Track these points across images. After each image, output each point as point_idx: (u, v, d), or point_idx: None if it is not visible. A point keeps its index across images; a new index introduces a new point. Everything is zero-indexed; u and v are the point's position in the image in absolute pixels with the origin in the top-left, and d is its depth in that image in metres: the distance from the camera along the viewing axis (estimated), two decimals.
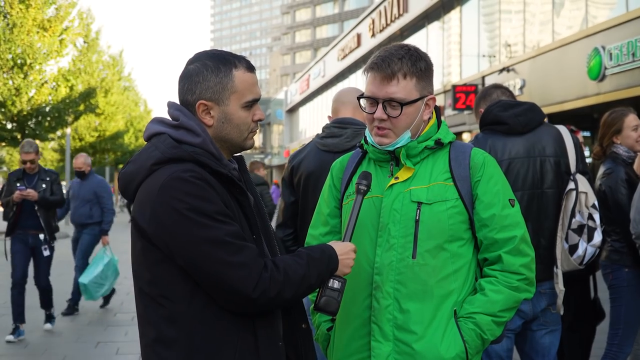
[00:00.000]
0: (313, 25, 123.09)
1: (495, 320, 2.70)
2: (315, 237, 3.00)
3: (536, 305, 4.01)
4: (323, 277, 2.48)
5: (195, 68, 2.47)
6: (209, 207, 2.29)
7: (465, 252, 2.75)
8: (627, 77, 15.62)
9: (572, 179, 4.04)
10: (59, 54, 26.35)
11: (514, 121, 4.08)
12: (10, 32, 24.97)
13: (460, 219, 2.73)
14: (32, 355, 8.09)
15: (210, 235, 2.26)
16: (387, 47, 2.84)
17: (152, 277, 2.37)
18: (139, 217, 2.36)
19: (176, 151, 2.38)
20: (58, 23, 25.99)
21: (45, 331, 9.00)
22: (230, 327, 2.34)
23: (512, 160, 4.03)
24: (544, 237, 4.04)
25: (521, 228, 2.77)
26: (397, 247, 2.72)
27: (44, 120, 26.37)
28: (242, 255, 2.28)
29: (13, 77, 25.26)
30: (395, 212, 2.74)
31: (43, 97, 26.13)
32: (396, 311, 2.70)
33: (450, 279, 2.71)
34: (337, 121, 4.38)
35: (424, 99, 2.80)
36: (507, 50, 22.93)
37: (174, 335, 2.34)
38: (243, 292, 2.26)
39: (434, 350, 2.65)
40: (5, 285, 13.29)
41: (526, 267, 2.75)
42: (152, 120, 2.53)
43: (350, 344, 2.80)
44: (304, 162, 4.35)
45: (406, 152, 2.78)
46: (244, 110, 2.49)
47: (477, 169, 2.77)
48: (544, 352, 4.08)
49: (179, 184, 2.29)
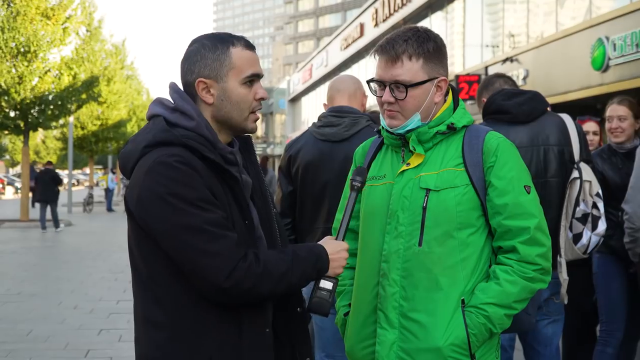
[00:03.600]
0: (316, 14, 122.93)
1: (507, 312, 2.65)
2: (338, 221, 2.95)
3: (539, 296, 3.99)
4: (309, 277, 2.43)
5: (194, 49, 2.47)
6: (191, 194, 2.27)
7: (476, 240, 2.68)
8: (630, 67, 15.57)
9: (576, 167, 4.01)
10: (62, 43, 26.32)
11: (517, 110, 4.05)
12: (13, 20, 24.95)
13: (470, 206, 2.66)
14: (35, 342, 8.11)
15: (188, 222, 2.25)
16: (398, 29, 2.80)
17: (142, 259, 2.39)
18: (128, 198, 2.37)
19: (165, 135, 2.36)
20: (61, 11, 25.95)
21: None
22: (213, 312, 2.32)
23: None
24: (548, 227, 4.01)
25: (536, 216, 2.69)
26: (405, 234, 2.68)
27: (47, 109, 26.29)
28: (218, 244, 2.25)
29: (16, 65, 25.21)
30: (404, 199, 2.70)
31: (46, 86, 26.11)
32: (402, 299, 2.68)
33: (457, 268, 2.65)
34: (334, 110, 4.34)
35: (433, 81, 2.72)
36: (511, 41, 22.90)
37: (159, 317, 2.35)
38: (214, 281, 2.24)
39: (435, 338, 2.62)
40: (10, 274, 13.41)
41: (542, 257, 2.68)
42: (154, 101, 2.52)
43: (361, 331, 2.80)
44: (302, 151, 4.32)
45: (417, 137, 2.73)
46: (243, 87, 2.45)
47: (490, 154, 2.69)
48: (546, 342, 4.08)
49: (163, 168, 2.28)
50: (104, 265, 14.13)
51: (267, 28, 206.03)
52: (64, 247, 18.87)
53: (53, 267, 14.58)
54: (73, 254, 17.21)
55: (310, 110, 53.16)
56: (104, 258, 15.00)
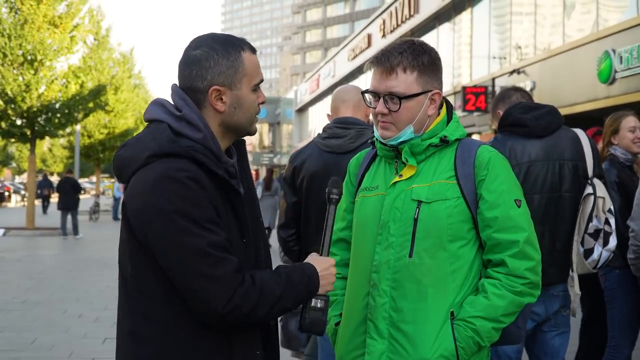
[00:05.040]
0: (324, 25, 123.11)
1: (495, 326, 2.65)
2: (334, 232, 2.93)
3: (549, 308, 4.01)
4: (302, 299, 2.40)
5: (203, 53, 2.36)
6: (197, 213, 2.21)
7: (467, 253, 2.69)
8: (637, 80, 15.55)
9: (590, 183, 4.02)
10: (69, 51, 26.40)
11: (534, 124, 4.05)
12: (20, 28, 25.07)
13: (461, 219, 2.67)
14: (39, 351, 8.11)
15: (192, 242, 2.19)
16: (394, 41, 2.82)
17: (134, 271, 2.32)
18: (128, 207, 2.29)
19: (172, 146, 2.27)
20: (68, 20, 26.05)
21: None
22: (204, 332, 2.28)
23: (532, 163, 4.00)
24: (560, 241, 4.02)
25: (526, 230, 2.69)
26: (395, 245, 2.70)
27: (53, 117, 26.35)
28: (219, 268, 2.20)
29: (23, 73, 25.32)
30: (395, 210, 2.72)
31: (53, 94, 26.16)
32: (391, 310, 2.69)
33: (447, 280, 2.66)
34: (339, 121, 4.30)
35: (427, 94, 2.75)
36: (518, 52, 22.85)
37: (147, 332, 2.29)
38: (213, 307, 2.19)
39: (423, 350, 2.63)
40: (14, 282, 13.42)
41: (531, 271, 2.68)
42: (154, 102, 2.44)
43: (351, 340, 2.81)
44: (307, 163, 4.29)
45: (410, 149, 2.75)
46: (253, 94, 2.43)
47: (481, 168, 2.70)
48: (553, 353, 4.08)
49: (171, 183, 2.21)
50: (109, 274, 14.11)
51: (274, 38, 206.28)
52: (69, 255, 18.88)
53: (58, 276, 14.57)
54: (78, 262, 17.22)
55: (317, 120, 53.13)
56: (110, 267, 14.99)
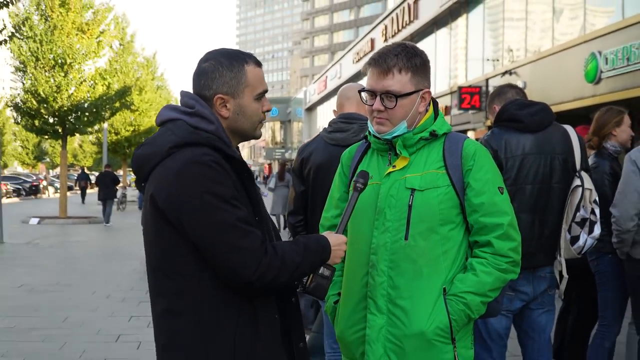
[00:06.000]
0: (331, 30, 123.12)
1: (483, 300, 2.73)
2: (328, 219, 3.06)
3: (537, 288, 4.03)
4: (316, 266, 2.48)
5: (211, 66, 2.46)
6: (224, 191, 2.28)
7: (456, 235, 2.76)
8: (621, 80, 15.48)
9: (578, 175, 4.03)
10: (96, 55, 26.35)
11: (529, 120, 4.05)
12: (51, 34, 25.06)
13: (450, 204, 2.74)
14: (70, 328, 8.13)
15: (223, 218, 2.26)
16: (388, 45, 2.84)
17: (164, 253, 2.36)
18: (157, 196, 2.33)
19: (194, 136, 2.36)
20: (95, 26, 26.00)
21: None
22: (233, 300, 2.33)
23: (525, 156, 4.00)
24: (548, 228, 4.03)
25: (509, 214, 2.78)
26: (392, 229, 2.75)
27: (82, 116, 26.32)
28: (247, 241, 2.27)
29: (54, 75, 25.26)
30: (391, 197, 2.77)
31: (82, 94, 26.10)
32: (389, 287, 2.74)
33: (440, 260, 2.72)
34: (343, 116, 4.33)
35: (419, 92, 2.80)
36: (510, 55, 22.79)
37: (182, 307, 2.34)
38: (244, 275, 2.26)
39: (420, 323, 2.69)
40: (48, 266, 13.47)
41: (514, 251, 2.76)
42: (165, 107, 2.52)
43: (351, 317, 2.85)
44: (314, 155, 4.32)
45: (402, 142, 2.80)
46: (255, 102, 2.50)
47: (468, 159, 2.76)
48: (540, 330, 4.09)
49: (197, 167, 2.28)
50: (135, 258, 14.16)
51: (285, 43, 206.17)
52: (99, 242, 18.93)
53: (88, 260, 14.63)
54: (107, 248, 17.29)
55: (325, 118, 53.09)
56: (136, 252, 14.99)
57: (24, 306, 9.47)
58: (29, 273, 12.55)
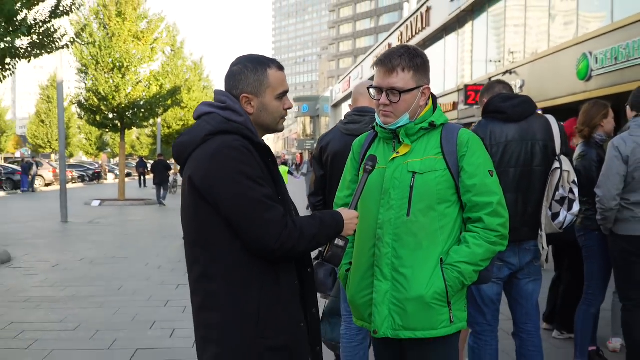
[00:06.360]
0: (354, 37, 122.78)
1: (475, 269, 2.74)
2: (341, 198, 3.10)
3: (522, 259, 4.00)
4: (330, 237, 2.51)
5: (238, 69, 2.52)
6: (253, 172, 2.32)
7: (451, 212, 2.77)
8: (610, 77, 15.32)
9: (558, 159, 3.97)
10: (150, 59, 26.42)
11: (511, 111, 4.01)
12: (110, 41, 25.21)
13: (447, 186, 2.75)
14: (124, 295, 8.20)
15: (251, 194, 2.29)
16: (393, 47, 2.86)
17: (200, 227, 2.40)
18: (194, 176, 2.38)
19: (226, 125, 2.42)
20: (149, 34, 26.06)
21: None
22: (259, 266, 2.37)
23: (508, 143, 3.96)
24: (531, 206, 4.00)
25: (498, 194, 2.78)
26: (396, 207, 2.77)
27: (138, 112, 26.45)
28: (271, 213, 2.31)
29: (113, 77, 25.40)
30: (395, 180, 2.79)
31: (138, 94, 26.23)
32: (393, 257, 2.76)
33: (437, 233, 2.74)
34: (357, 110, 4.33)
35: (420, 88, 2.81)
36: (510, 56, 22.60)
37: (215, 272, 2.38)
38: (268, 243, 2.30)
39: (419, 288, 2.71)
40: (106, 242, 13.59)
41: (502, 226, 2.77)
42: (201, 104, 2.57)
43: (360, 283, 2.88)
44: (331, 144, 4.31)
45: (405, 132, 2.82)
46: (277, 101, 2.54)
47: (462, 146, 2.78)
48: (527, 297, 4.07)
49: (229, 151, 2.32)
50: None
51: (314, 48, 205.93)
52: (152, 221, 19.07)
53: (143, 237, 14.73)
54: (160, 226, 17.40)
55: None
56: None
57: (83, 277, 9.52)
58: (90, 248, 12.64)
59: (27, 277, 9.51)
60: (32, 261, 10.98)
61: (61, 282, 9.12)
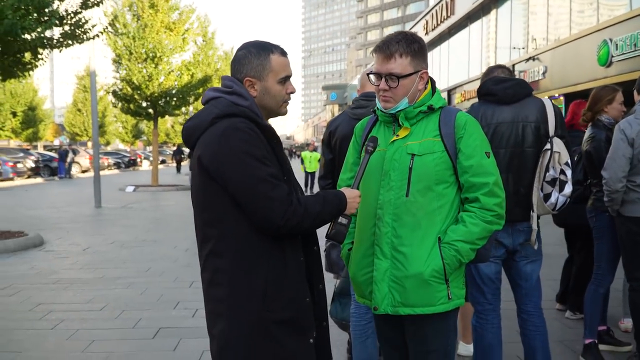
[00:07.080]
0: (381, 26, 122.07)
1: (472, 247, 2.74)
2: (344, 180, 3.10)
3: (515, 240, 3.97)
4: (334, 215, 2.53)
5: (242, 54, 2.54)
6: (258, 152, 2.35)
7: (449, 192, 2.76)
8: (629, 63, 15.11)
9: (550, 141, 3.91)
10: (182, 49, 26.50)
11: (502, 93, 3.98)
12: (143, 31, 25.35)
13: (445, 167, 2.74)
14: (151, 276, 8.30)
15: (257, 173, 2.32)
16: (390, 34, 2.85)
17: (209, 205, 2.43)
18: (203, 157, 2.40)
19: (232, 109, 2.44)
20: (181, 25, 26.15)
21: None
22: (266, 242, 2.40)
23: (498, 125, 3.93)
24: (523, 186, 3.95)
25: (494, 175, 2.77)
26: (396, 188, 2.77)
27: (171, 100, 26.60)
28: (276, 191, 2.33)
29: (146, 67, 25.57)
30: (395, 161, 2.79)
31: (170, 83, 26.38)
32: (393, 236, 2.76)
33: (435, 213, 2.73)
34: (364, 95, 4.32)
35: (418, 73, 2.80)
36: (534, 43, 22.31)
37: (223, 249, 2.41)
38: (273, 219, 2.32)
39: (418, 266, 2.71)
40: (138, 226, 13.75)
41: (498, 206, 2.76)
42: (209, 89, 2.60)
43: (361, 261, 2.89)
44: (339, 128, 4.31)
45: (404, 115, 2.82)
46: (279, 85, 2.55)
47: (460, 128, 2.76)
48: (526, 277, 4.04)
49: (236, 132, 2.35)
50: None
51: (343, 37, 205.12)
52: (181, 205, 19.21)
53: (172, 220, 14.86)
54: (190, 210, 17.38)
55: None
56: None
57: (113, 259, 9.63)
58: (122, 232, 12.77)
59: (58, 260, 9.65)
60: (64, 245, 11.14)
61: (91, 264, 9.24)
